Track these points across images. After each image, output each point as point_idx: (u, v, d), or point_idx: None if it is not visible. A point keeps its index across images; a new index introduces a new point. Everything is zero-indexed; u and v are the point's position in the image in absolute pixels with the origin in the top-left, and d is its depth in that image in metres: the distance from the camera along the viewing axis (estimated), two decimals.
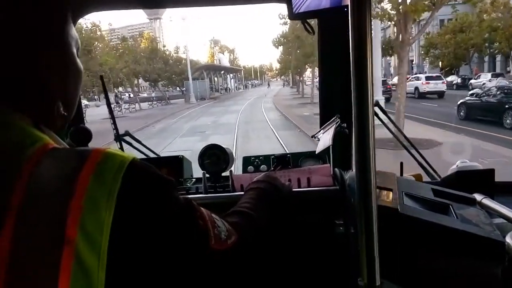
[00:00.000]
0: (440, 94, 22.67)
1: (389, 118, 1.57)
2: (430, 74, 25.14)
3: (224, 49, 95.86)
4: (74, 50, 0.68)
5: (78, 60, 0.69)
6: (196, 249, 0.65)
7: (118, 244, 0.52)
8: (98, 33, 26.93)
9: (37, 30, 0.61)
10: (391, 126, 1.60)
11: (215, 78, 54.97)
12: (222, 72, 57.98)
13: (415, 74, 27.61)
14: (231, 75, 66.38)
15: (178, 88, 43.91)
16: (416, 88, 23.15)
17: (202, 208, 0.69)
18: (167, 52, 40.40)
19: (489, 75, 26.27)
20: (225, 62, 70.10)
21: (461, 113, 13.89)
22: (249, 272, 1.12)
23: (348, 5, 1.13)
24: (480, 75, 27.56)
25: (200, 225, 0.66)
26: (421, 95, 22.56)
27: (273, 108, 24.29)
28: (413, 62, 46.00)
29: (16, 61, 0.60)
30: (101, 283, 0.50)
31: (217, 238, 0.68)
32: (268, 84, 77.04)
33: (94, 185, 0.53)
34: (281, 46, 33.26)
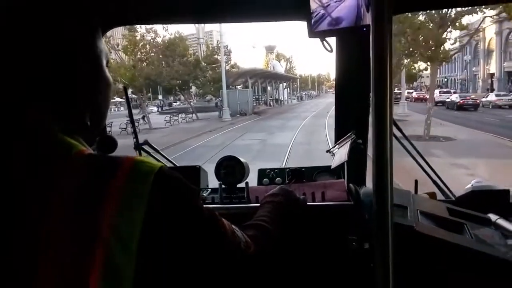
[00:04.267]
0: None
1: (405, 136, 1.58)
2: None
3: (280, 57, 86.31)
4: (104, 63, 0.71)
5: (107, 73, 0.72)
6: (216, 256, 0.68)
7: (147, 246, 0.56)
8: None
9: (70, 43, 0.64)
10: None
11: (268, 87, 46.15)
12: (274, 80, 46.28)
13: None
14: (284, 84, 54.51)
15: (213, 98, 35.13)
16: None
17: (223, 219, 0.72)
18: (193, 52, 34.21)
19: None
20: (280, 70, 57.78)
21: None
22: (264, 284, 1.13)
23: (367, 24, 1.17)
24: None
25: (221, 233, 0.69)
26: None
27: None
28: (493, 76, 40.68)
29: (49, 72, 0.62)
30: (129, 282, 0.54)
31: (236, 248, 0.71)
32: None
33: (127, 190, 0.56)
34: None
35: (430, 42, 12.79)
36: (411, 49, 14.01)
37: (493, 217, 1.19)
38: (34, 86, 0.61)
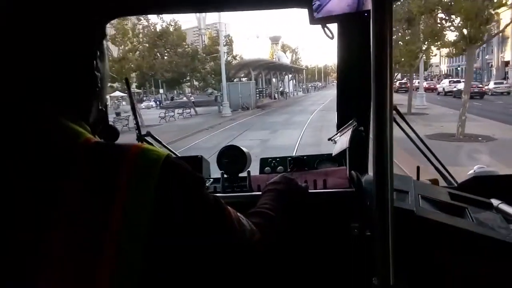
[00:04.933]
0: None
1: (406, 122, 1.58)
2: None
3: (286, 48, 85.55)
4: (106, 56, 0.73)
5: (107, 66, 0.74)
6: (222, 243, 0.69)
7: (155, 233, 0.57)
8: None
9: (70, 38, 0.64)
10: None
11: (273, 79, 44.13)
12: (279, 72, 44.33)
13: None
14: (290, 75, 52.13)
15: (213, 91, 33.64)
16: None
17: (228, 207, 0.72)
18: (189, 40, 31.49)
19: None
20: (285, 61, 55.94)
21: None
22: (266, 271, 1.14)
23: (368, 10, 1.17)
24: None
25: (227, 221, 0.70)
26: None
27: None
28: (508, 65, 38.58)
29: (49, 67, 0.62)
30: (138, 271, 0.55)
31: (242, 235, 0.72)
32: None
33: (135, 179, 0.57)
34: None
35: (472, 16, 10.62)
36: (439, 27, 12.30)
37: (495, 202, 1.19)
38: (35, 81, 0.61)
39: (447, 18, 11.79)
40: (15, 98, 0.60)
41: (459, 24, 11.33)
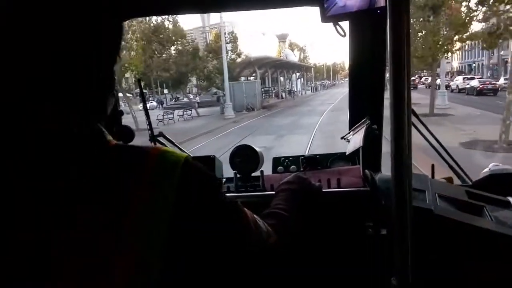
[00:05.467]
0: None
1: (421, 122, 1.56)
2: None
3: (294, 46, 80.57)
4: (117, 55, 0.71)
5: (117, 65, 0.72)
6: (240, 247, 0.69)
7: (174, 238, 0.57)
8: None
9: (79, 35, 0.62)
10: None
11: (280, 78, 41.99)
12: (286, 70, 41.87)
13: None
14: (297, 74, 49.94)
15: (217, 91, 30.70)
16: None
17: (245, 209, 0.73)
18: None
19: None
20: (293, 59, 52.65)
21: None
22: (281, 270, 1.14)
23: (381, 6, 1.15)
24: None
25: (244, 223, 0.70)
26: None
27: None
28: None
29: (59, 67, 0.60)
30: (157, 274, 0.55)
31: (258, 237, 0.72)
32: None
33: (155, 182, 0.57)
34: None
35: None
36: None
37: None
38: (37, 80, 0.59)
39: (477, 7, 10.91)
40: (15, 98, 0.59)
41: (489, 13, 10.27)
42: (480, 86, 24.98)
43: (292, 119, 18.93)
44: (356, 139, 1.35)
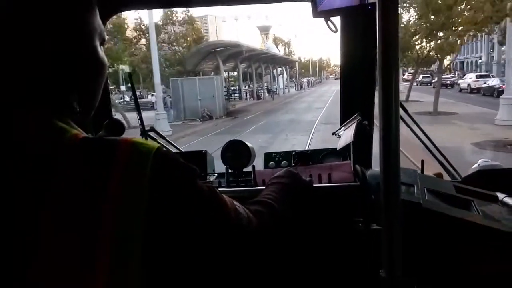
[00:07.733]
0: None
1: (411, 117, 1.57)
2: None
3: (278, 41, 76.95)
4: (97, 43, 0.67)
5: (101, 53, 0.68)
6: (219, 233, 0.68)
7: (151, 228, 0.56)
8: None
9: (54, 18, 0.59)
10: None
11: (257, 73, 35.46)
12: (264, 64, 34.31)
13: None
14: (279, 69, 42.02)
15: (164, 90, 20.15)
16: None
17: (224, 196, 0.72)
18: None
19: None
20: (275, 51, 44.91)
21: None
22: (269, 265, 1.15)
23: (372, 2, 1.16)
24: None
25: (223, 211, 0.69)
26: None
27: None
28: None
29: (29, 51, 0.58)
30: (137, 264, 0.55)
31: (238, 224, 0.71)
32: None
33: (127, 174, 0.56)
34: None
35: None
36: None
37: (500, 195, 1.19)
38: (21, 79, 0.58)
39: None
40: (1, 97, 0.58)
41: None
42: (502, 86, 17.78)
43: (264, 138, 11.69)
44: (347, 135, 1.36)
